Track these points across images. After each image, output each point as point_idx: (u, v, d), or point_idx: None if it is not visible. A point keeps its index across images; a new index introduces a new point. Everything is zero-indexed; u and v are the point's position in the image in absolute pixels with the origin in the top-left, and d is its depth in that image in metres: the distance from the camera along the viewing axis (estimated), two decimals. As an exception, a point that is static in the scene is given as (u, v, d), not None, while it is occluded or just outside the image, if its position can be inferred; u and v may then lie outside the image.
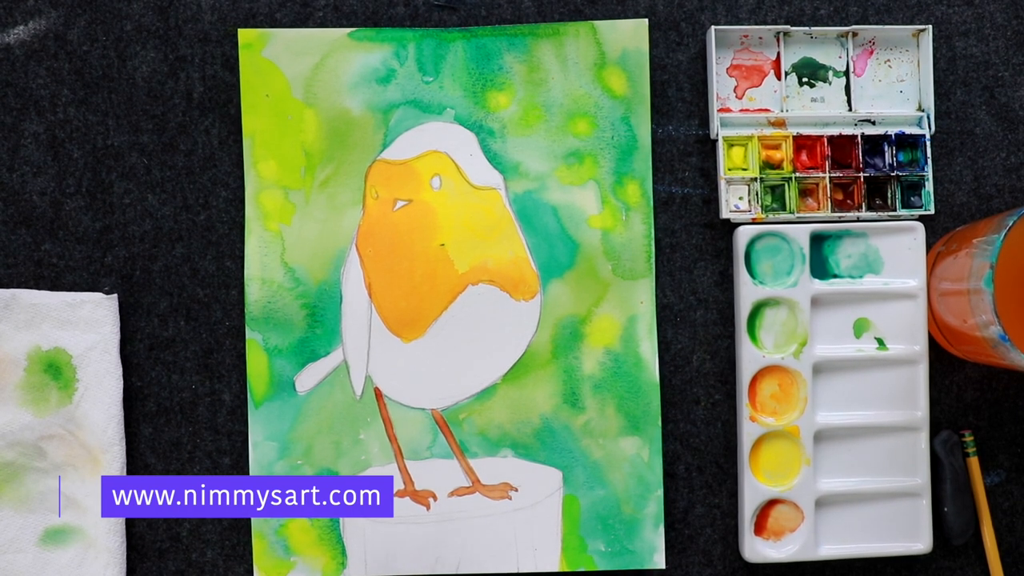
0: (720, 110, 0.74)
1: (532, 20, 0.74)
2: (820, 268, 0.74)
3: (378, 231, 0.74)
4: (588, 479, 0.74)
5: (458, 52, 0.74)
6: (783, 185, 0.74)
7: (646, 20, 0.74)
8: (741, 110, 0.75)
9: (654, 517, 0.74)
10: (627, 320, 0.74)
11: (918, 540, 0.73)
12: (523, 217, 0.74)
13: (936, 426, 0.75)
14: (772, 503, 0.73)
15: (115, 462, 0.72)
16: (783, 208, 0.74)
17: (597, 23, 0.74)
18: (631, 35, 0.74)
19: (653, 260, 0.74)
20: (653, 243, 0.74)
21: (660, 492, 0.74)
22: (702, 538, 0.74)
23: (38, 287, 0.73)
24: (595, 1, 0.75)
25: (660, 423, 0.74)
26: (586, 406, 0.74)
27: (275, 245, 0.74)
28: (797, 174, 0.74)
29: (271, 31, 0.74)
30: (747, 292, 0.73)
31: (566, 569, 0.74)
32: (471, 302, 0.74)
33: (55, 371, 0.73)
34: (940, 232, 0.75)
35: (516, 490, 0.74)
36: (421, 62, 0.74)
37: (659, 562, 0.74)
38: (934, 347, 0.74)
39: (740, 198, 0.74)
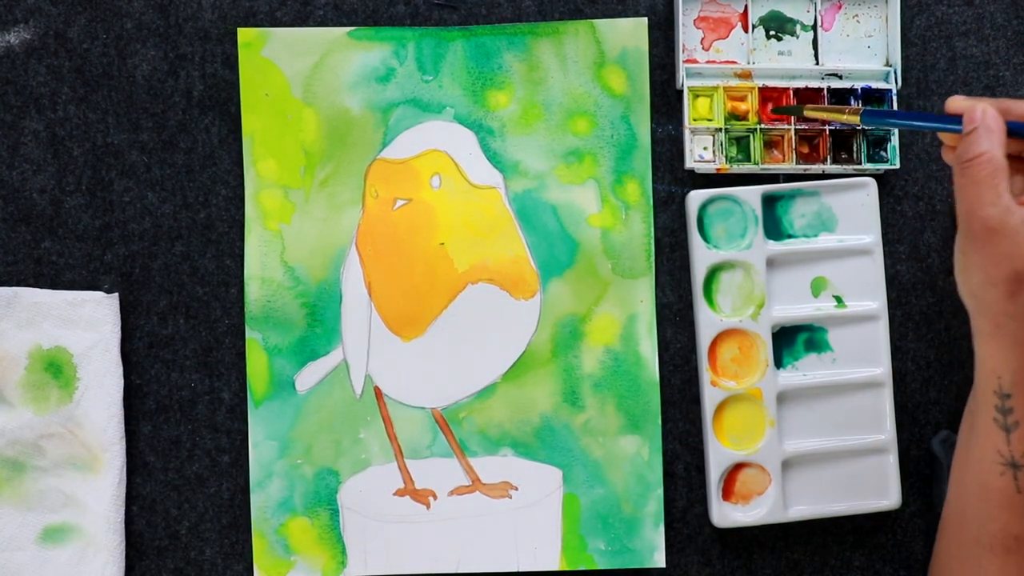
0: (686, 61, 0.74)
1: (532, 19, 0.74)
2: (774, 229, 0.74)
3: (378, 230, 0.74)
4: (588, 478, 0.74)
5: (457, 51, 0.74)
6: (748, 136, 0.74)
7: (645, 19, 0.74)
8: (707, 61, 0.74)
9: (654, 516, 0.74)
10: (627, 319, 0.74)
11: (886, 497, 0.73)
12: (523, 216, 0.74)
13: (936, 426, 0.75)
14: (739, 467, 0.73)
15: (115, 461, 0.72)
16: (748, 159, 0.74)
17: (596, 22, 0.74)
18: (630, 34, 0.74)
19: (653, 259, 0.74)
20: (653, 242, 0.74)
21: (660, 491, 0.74)
22: (702, 537, 0.74)
23: (38, 285, 0.73)
24: (595, 0, 0.75)
25: (660, 422, 0.74)
26: (586, 405, 0.74)
27: (275, 244, 0.74)
28: (762, 125, 0.73)
29: (270, 30, 0.74)
30: (701, 256, 0.73)
31: (566, 568, 0.73)
32: (471, 301, 0.74)
33: (56, 370, 0.73)
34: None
35: (516, 489, 0.74)
36: (421, 61, 0.74)
37: (659, 561, 0.74)
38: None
39: (704, 148, 0.74)
